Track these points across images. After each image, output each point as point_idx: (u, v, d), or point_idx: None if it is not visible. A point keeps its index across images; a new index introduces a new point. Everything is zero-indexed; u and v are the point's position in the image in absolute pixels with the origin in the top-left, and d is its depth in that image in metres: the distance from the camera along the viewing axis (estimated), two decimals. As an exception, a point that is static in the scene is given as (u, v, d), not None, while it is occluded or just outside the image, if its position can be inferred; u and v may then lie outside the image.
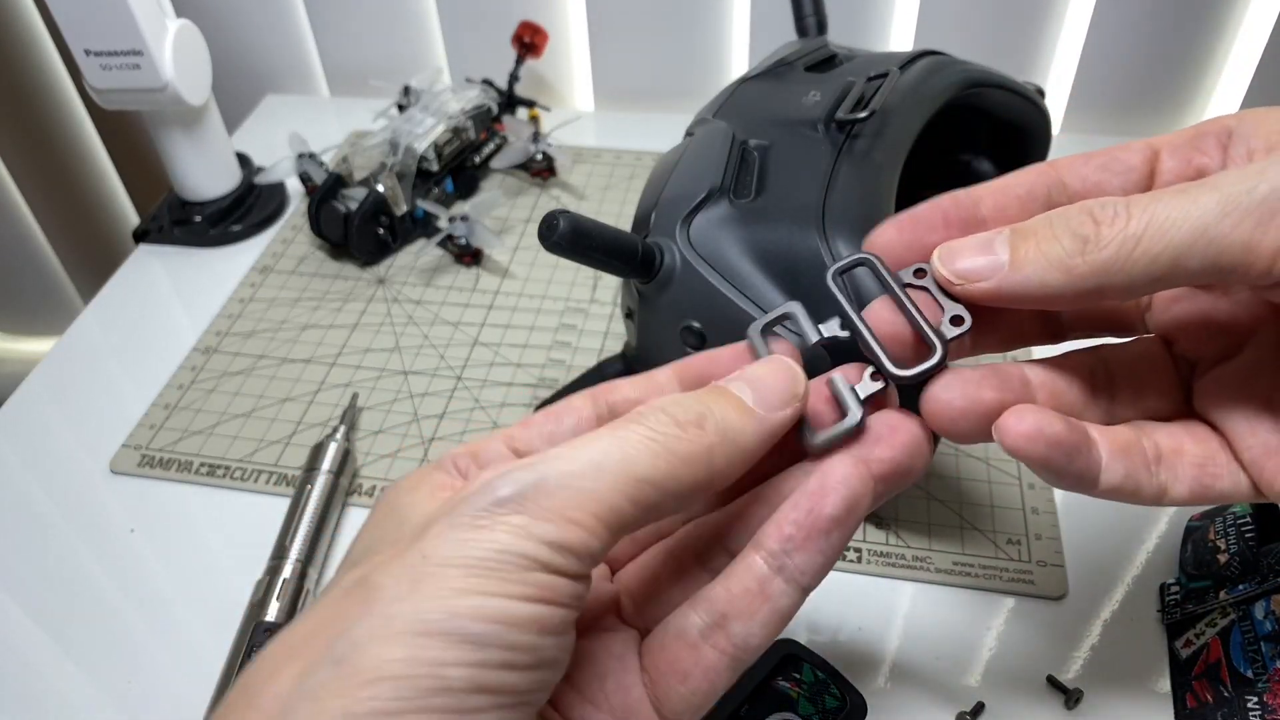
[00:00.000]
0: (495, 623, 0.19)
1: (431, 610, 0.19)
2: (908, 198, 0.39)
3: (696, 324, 0.38)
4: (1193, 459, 0.25)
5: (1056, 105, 0.70)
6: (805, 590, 0.23)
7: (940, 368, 0.24)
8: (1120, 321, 0.28)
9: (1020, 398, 0.24)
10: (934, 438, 0.25)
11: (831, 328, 0.26)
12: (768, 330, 0.26)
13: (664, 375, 0.26)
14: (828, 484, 0.23)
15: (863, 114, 0.39)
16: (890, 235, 0.26)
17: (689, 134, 0.46)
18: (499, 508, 0.20)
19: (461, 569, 0.19)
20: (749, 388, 0.24)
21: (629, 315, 0.42)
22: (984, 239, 0.24)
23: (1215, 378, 0.26)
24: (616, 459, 0.21)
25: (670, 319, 0.39)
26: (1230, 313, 0.26)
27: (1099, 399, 0.26)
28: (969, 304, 0.24)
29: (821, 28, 0.51)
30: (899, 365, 0.24)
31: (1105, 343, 0.27)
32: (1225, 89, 0.68)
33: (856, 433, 0.24)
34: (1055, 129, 0.53)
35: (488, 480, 0.21)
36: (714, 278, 0.37)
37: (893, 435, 0.24)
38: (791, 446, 0.25)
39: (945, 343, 0.24)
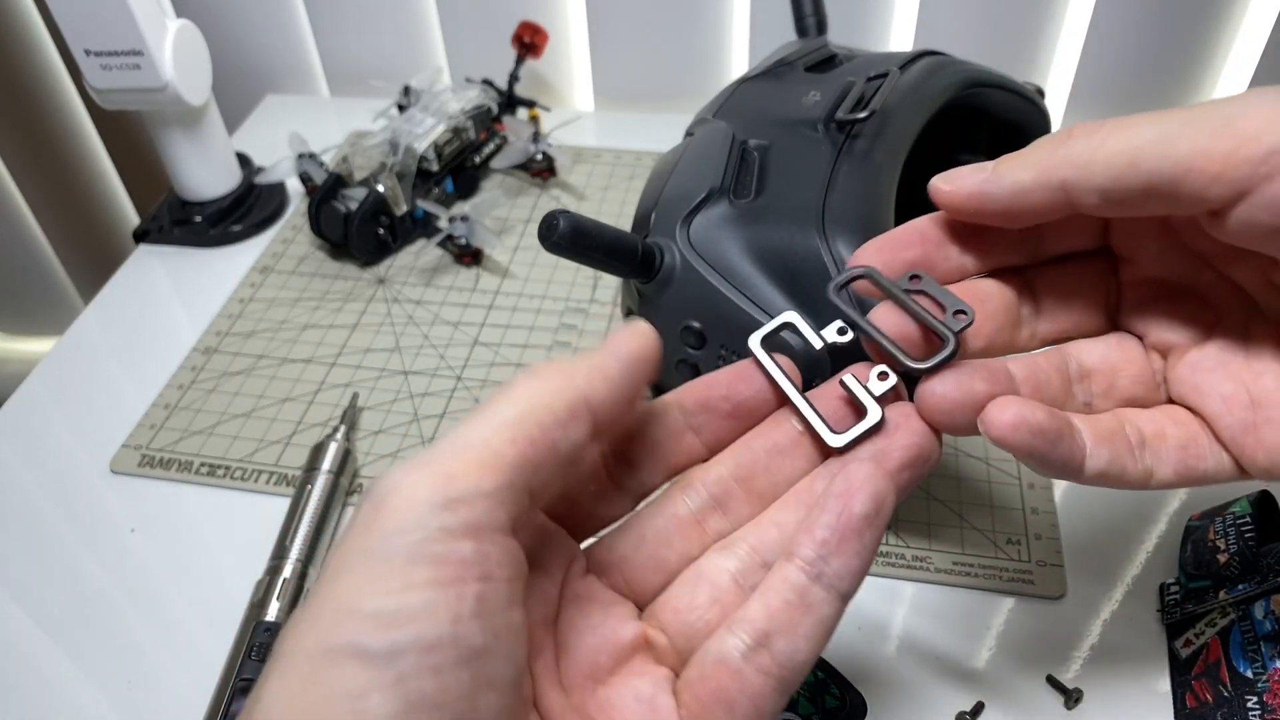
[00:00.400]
0: (397, 626, 0.18)
1: (328, 634, 0.18)
2: (908, 198, 0.40)
3: (696, 324, 0.38)
4: (1176, 442, 0.26)
5: (1056, 105, 0.70)
6: (845, 597, 0.23)
7: (954, 357, 0.24)
8: (1098, 313, 0.28)
9: (1007, 390, 0.25)
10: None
11: (832, 333, 0.27)
12: (769, 340, 0.27)
13: (671, 399, 0.26)
14: (853, 484, 0.23)
15: (862, 114, 0.39)
16: (869, 254, 0.27)
17: (689, 134, 0.46)
18: (380, 496, 0.19)
19: (352, 574, 0.18)
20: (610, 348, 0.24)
21: (629, 315, 0.42)
22: (980, 165, 0.26)
23: (1189, 363, 0.27)
24: (489, 412, 0.21)
25: (670, 319, 0.39)
26: (1200, 299, 0.27)
27: (1077, 393, 0.27)
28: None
29: (821, 28, 0.51)
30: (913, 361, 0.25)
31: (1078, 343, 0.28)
32: (1224, 90, 0.68)
33: (879, 428, 0.25)
34: (1054, 129, 0.53)
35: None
36: (714, 277, 0.37)
37: (909, 423, 0.25)
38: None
39: (955, 333, 0.25)
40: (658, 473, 0.26)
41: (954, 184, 0.26)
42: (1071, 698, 0.36)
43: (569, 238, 0.34)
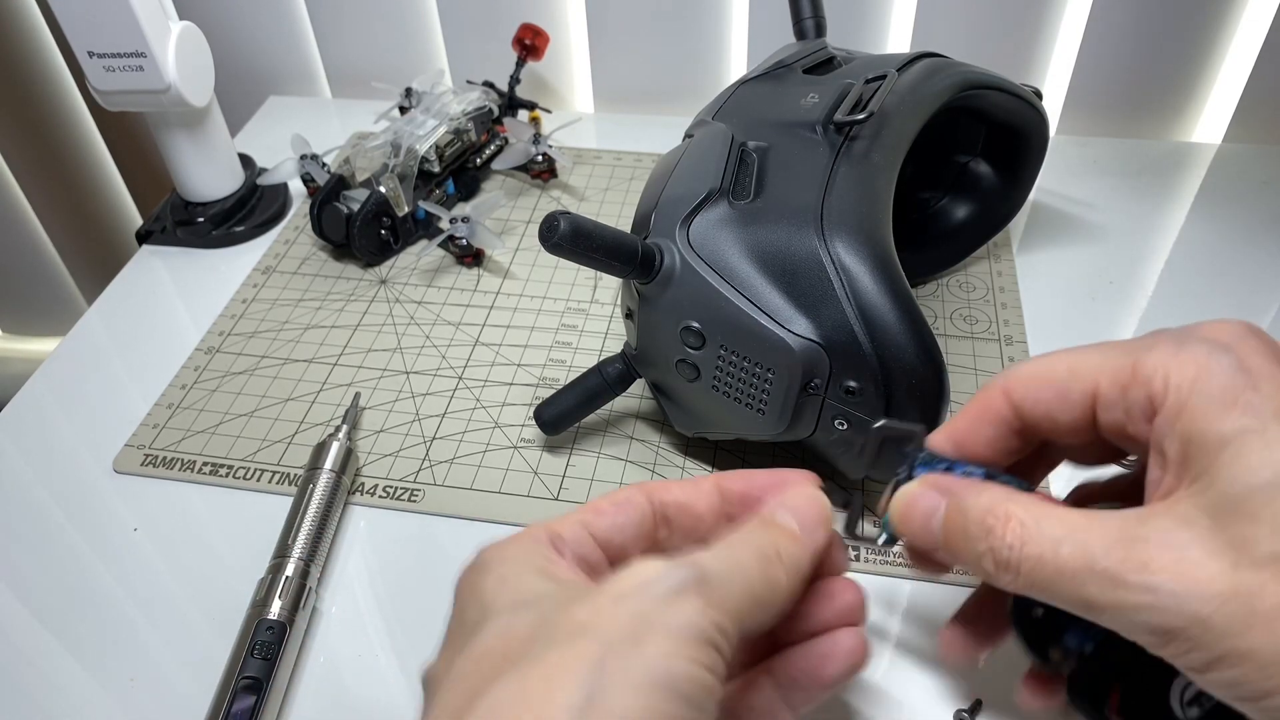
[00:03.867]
0: (699, 686, 0.22)
1: (657, 668, 0.21)
2: (906, 199, 0.40)
3: (696, 324, 0.38)
4: None
5: (1053, 108, 0.70)
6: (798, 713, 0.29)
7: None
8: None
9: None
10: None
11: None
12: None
13: (708, 485, 0.30)
14: (837, 650, 0.29)
15: (860, 116, 0.40)
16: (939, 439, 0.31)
17: (688, 136, 0.46)
18: (681, 591, 0.23)
19: (667, 637, 0.22)
20: (792, 516, 0.28)
21: (629, 316, 0.42)
22: (927, 512, 0.29)
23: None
24: (741, 574, 0.25)
25: (670, 319, 0.39)
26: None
27: None
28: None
29: (820, 30, 0.51)
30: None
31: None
32: (1221, 91, 0.68)
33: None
34: (1051, 131, 0.53)
35: (659, 568, 0.24)
36: (713, 278, 0.37)
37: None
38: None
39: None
40: None
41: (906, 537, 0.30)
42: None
43: (569, 238, 0.35)
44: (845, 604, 0.30)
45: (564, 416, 0.45)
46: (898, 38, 0.70)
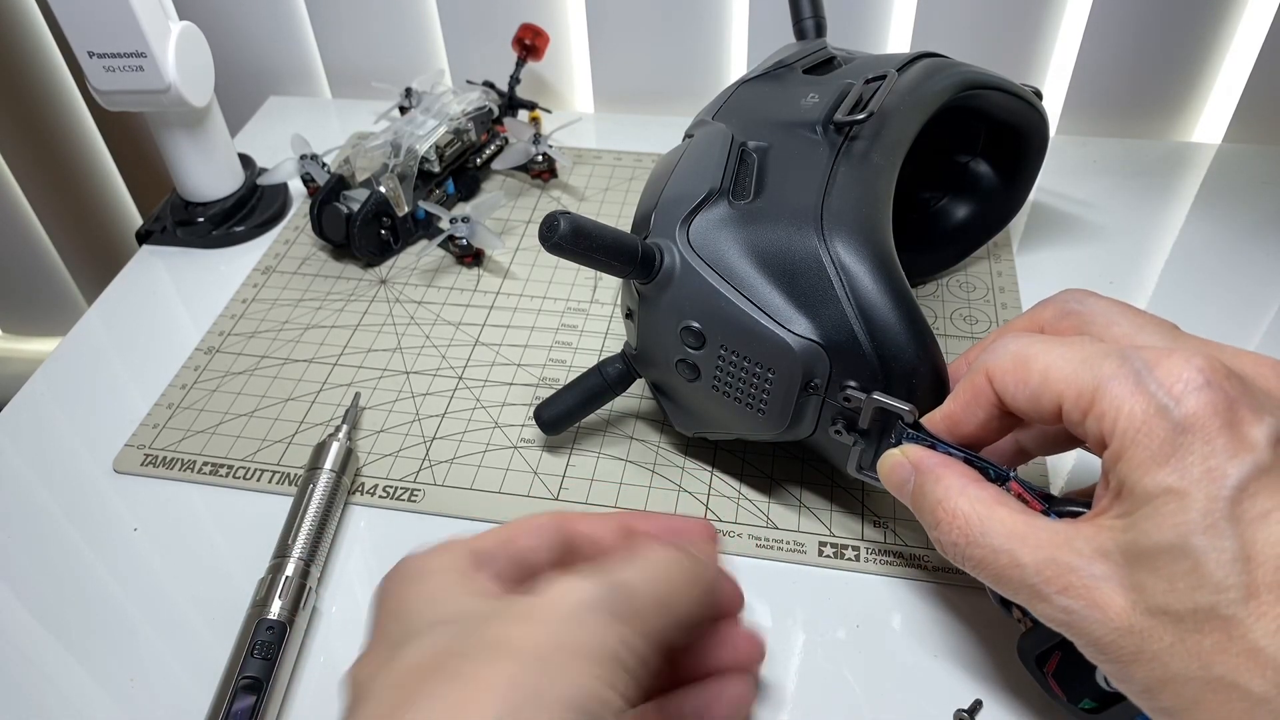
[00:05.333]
0: (607, 707, 0.23)
1: (568, 690, 0.22)
2: (906, 199, 0.40)
3: (696, 324, 0.38)
4: None
5: (1053, 108, 0.70)
6: None
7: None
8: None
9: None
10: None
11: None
12: None
13: (615, 521, 0.31)
14: (725, 694, 0.31)
15: (861, 116, 0.40)
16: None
17: (688, 136, 0.46)
18: (594, 609, 0.24)
19: (580, 657, 0.23)
20: (691, 548, 0.29)
21: (629, 316, 0.42)
22: (902, 479, 0.33)
23: None
24: (653, 584, 0.27)
25: (670, 319, 0.39)
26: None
27: None
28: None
29: (820, 30, 0.51)
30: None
31: None
32: (1221, 91, 0.68)
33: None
34: (1051, 131, 0.53)
35: (574, 586, 0.25)
36: (713, 278, 0.37)
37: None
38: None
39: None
40: None
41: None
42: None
43: (569, 238, 0.35)
44: (742, 650, 0.32)
45: (564, 417, 0.45)
46: (897, 37, 0.70)
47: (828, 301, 0.36)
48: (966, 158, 0.54)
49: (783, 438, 0.39)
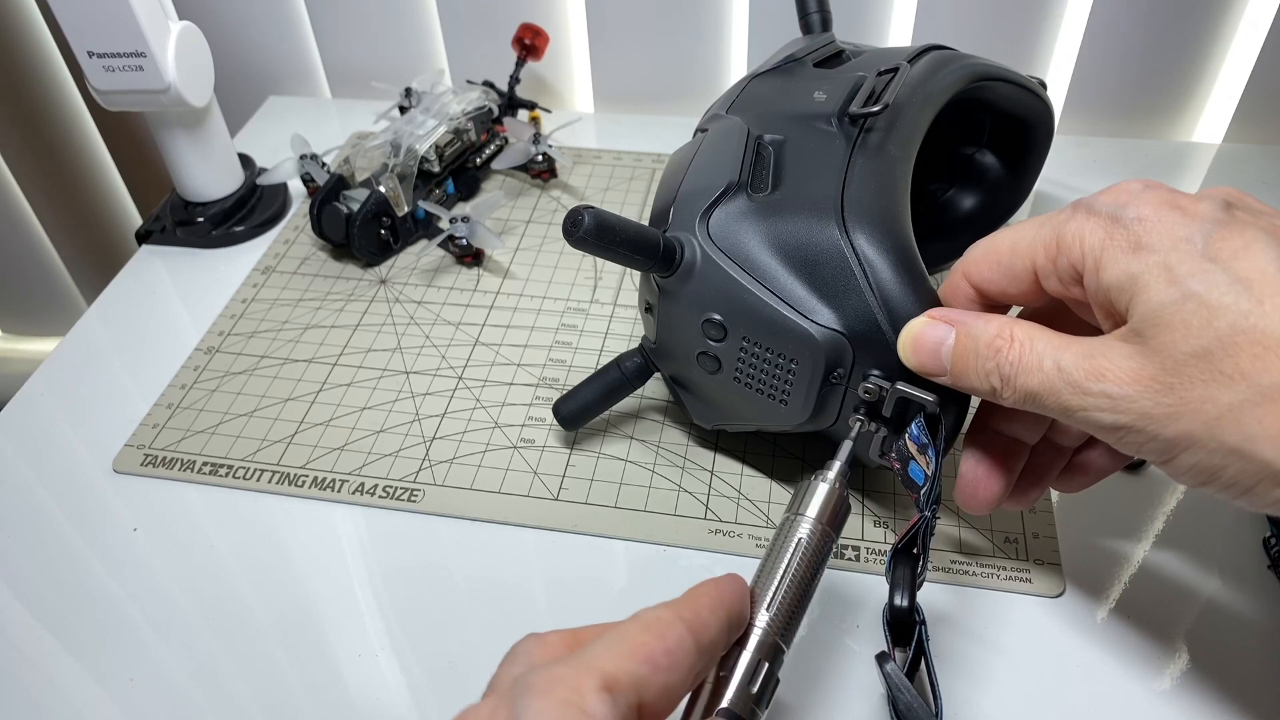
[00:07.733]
0: None
1: None
2: (913, 190, 0.40)
3: (718, 316, 0.38)
4: None
5: (1056, 98, 0.70)
6: None
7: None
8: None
9: None
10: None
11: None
12: None
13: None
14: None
15: (875, 108, 0.40)
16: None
17: (700, 130, 0.46)
18: (565, 674, 0.24)
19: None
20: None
21: (648, 310, 0.42)
22: (937, 340, 0.33)
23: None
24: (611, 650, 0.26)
25: (691, 312, 0.39)
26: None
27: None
28: None
29: (826, 24, 0.51)
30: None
31: None
32: (1221, 91, 0.68)
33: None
34: (1056, 122, 0.53)
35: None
36: (735, 270, 0.38)
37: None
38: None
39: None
40: None
41: (920, 370, 0.34)
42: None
43: (594, 233, 0.35)
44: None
45: (582, 412, 0.45)
46: (899, 31, 0.70)
47: (850, 291, 0.36)
48: (972, 149, 0.54)
49: (804, 428, 0.39)
